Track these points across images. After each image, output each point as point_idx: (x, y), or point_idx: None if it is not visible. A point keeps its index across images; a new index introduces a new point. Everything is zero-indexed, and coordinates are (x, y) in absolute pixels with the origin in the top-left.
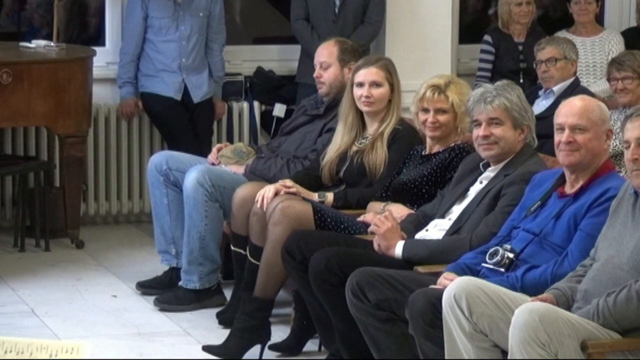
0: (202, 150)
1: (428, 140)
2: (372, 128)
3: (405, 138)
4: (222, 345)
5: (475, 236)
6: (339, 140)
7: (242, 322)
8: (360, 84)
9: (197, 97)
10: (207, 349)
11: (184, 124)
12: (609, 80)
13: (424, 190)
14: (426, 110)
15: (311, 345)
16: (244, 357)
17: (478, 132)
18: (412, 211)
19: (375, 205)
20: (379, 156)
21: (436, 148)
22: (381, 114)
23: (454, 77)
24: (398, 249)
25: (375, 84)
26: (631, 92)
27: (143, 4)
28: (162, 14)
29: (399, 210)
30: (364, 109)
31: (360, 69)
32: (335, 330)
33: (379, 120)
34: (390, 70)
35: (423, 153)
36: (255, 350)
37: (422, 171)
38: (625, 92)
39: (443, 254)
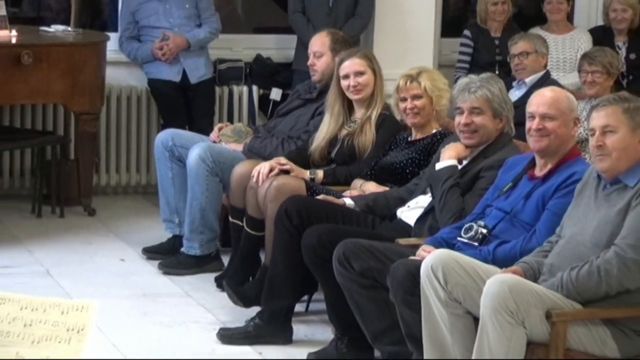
0: (204, 129)
1: (413, 128)
2: (359, 113)
3: (392, 123)
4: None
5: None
6: (326, 128)
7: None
8: (346, 76)
9: (194, 78)
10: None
11: (178, 104)
12: (579, 72)
13: (407, 171)
14: (404, 99)
15: (299, 307)
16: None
17: (460, 119)
18: (386, 188)
19: (357, 182)
20: (368, 138)
21: (420, 135)
22: (368, 99)
23: (425, 67)
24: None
25: (359, 73)
26: (599, 85)
27: (129, 9)
28: (148, 13)
29: (373, 188)
30: (353, 97)
31: (344, 61)
32: (325, 299)
33: (366, 106)
34: (370, 58)
35: (409, 139)
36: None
37: (407, 155)
38: (593, 85)
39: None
